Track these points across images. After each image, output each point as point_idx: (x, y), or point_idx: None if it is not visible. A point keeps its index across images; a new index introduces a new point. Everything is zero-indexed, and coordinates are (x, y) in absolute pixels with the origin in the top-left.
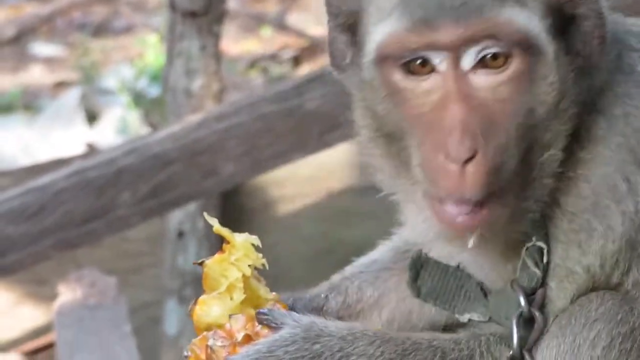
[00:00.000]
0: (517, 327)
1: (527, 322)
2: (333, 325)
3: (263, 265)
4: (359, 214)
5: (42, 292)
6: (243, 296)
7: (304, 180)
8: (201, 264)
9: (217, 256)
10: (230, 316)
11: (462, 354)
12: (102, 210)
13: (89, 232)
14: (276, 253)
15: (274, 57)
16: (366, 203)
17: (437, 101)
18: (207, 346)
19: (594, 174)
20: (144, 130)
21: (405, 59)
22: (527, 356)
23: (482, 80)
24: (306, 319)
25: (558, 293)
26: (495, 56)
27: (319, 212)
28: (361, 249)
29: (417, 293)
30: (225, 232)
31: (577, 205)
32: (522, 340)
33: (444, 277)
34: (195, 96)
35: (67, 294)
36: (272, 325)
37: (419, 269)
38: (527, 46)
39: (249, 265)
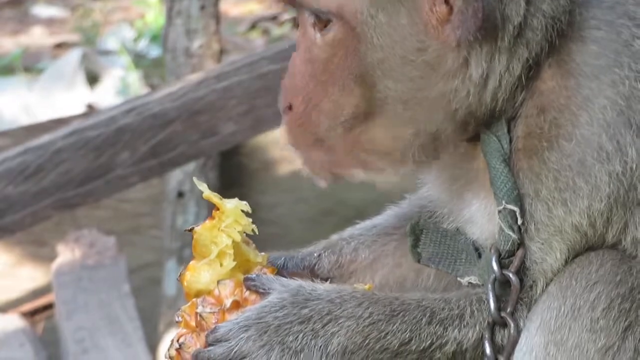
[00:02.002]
0: (492, 291)
1: (504, 285)
2: (321, 289)
3: (253, 230)
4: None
5: (42, 253)
6: (233, 263)
7: None
8: (191, 230)
9: (206, 222)
10: (218, 282)
11: (452, 312)
12: (101, 170)
13: (87, 192)
14: (276, 213)
15: (274, 19)
16: None
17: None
18: (196, 313)
19: (579, 133)
20: (144, 91)
21: None
22: (508, 319)
23: (315, 38)
24: (294, 283)
25: (544, 253)
26: (317, 19)
27: None
28: (361, 210)
29: (418, 258)
30: (214, 198)
31: (561, 163)
32: (503, 303)
33: (444, 241)
34: (194, 56)
35: (66, 254)
36: (259, 290)
37: (419, 234)
38: (339, 17)
39: (239, 232)
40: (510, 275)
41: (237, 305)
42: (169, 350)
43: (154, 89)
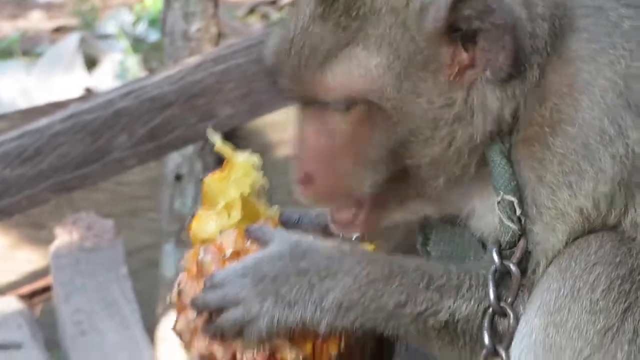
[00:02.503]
0: (493, 281)
1: (505, 275)
2: (322, 244)
3: (263, 185)
4: None
5: (40, 235)
6: (240, 216)
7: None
8: (201, 180)
9: (217, 174)
10: (221, 231)
11: (450, 282)
12: (99, 153)
13: (85, 175)
14: (274, 196)
15: (273, 3)
16: None
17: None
18: (197, 260)
19: (581, 117)
20: (142, 75)
21: None
22: (508, 309)
23: (334, 119)
24: (294, 236)
25: (546, 234)
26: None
27: None
28: None
29: (427, 257)
30: (226, 150)
31: (566, 147)
32: (504, 295)
33: (453, 239)
34: (193, 40)
35: (64, 237)
36: (260, 241)
37: (429, 233)
38: (360, 100)
39: (249, 186)
40: (511, 266)
41: (237, 255)
42: (171, 295)
43: (152, 73)
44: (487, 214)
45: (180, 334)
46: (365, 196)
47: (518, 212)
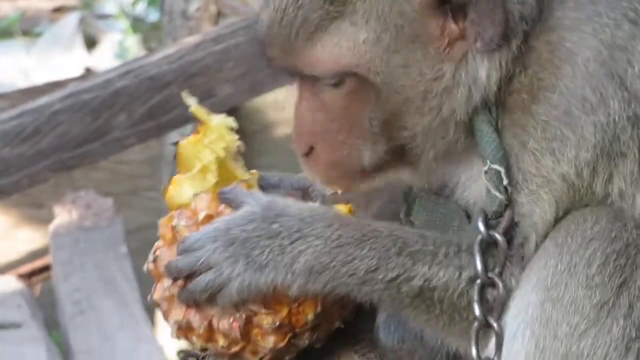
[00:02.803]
0: (479, 252)
1: (492, 246)
2: (294, 206)
3: (239, 147)
4: None
5: (39, 215)
6: (215, 179)
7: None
8: (176, 144)
9: (191, 137)
10: (194, 195)
11: (425, 248)
12: (98, 132)
13: (84, 154)
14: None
15: None
16: None
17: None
18: (172, 226)
19: (563, 84)
20: (142, 55)
21: None
22: (496, 279)
23: (323, 91)
24: (266, 198)
25: (533, 204)
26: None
27: None
28: None
29: (411, 226)
30: (201, 113)
31: (549, 114)
32: (491, 265)
33: (437, 209)
34: (192, 19)
35: (63, 215)
36: (232, 204)
37: (412, 202)
38: (349, 74)
39: (223, 148)
40: (497, 235)
41: (210, 218)
42: (147, 264)
43: (151, 52)
44: (473, 183)
45: (158, 303)
46: (367, 169)
47: (505, 181)
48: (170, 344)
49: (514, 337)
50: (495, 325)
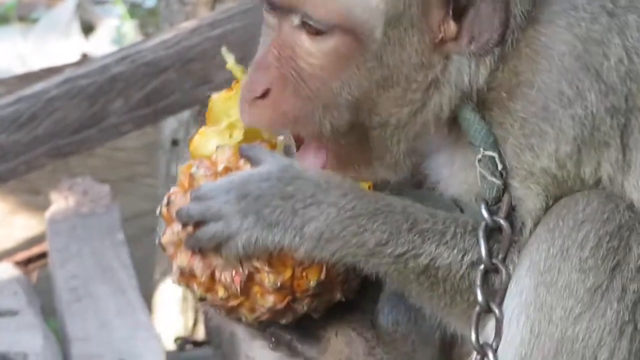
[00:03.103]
0: (484, 238)
1: (495, 232)
2: (312, 171)
3: None
4: None
5: (36, 201)
6: (241, 137)
7: None
8: (209, 97)
9: (223, 93)
10: (217, 147)
11: (435, 227)
12: (95, 119)
13: (81, 140)
14: None
15: None
16: None
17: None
18: (190, 174)
19: (540, 80)
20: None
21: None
22: (499, 265)
23: (302, 40)
24: (286, 160)
25: (525, 192)
26: (312, 26)
27: None
28: None
29: None
30: (237, 70)
31: (527, 111)
32: (495, 251)
33: (425, 201)
34: (188, 4)
35: (60, 202)
36: (252, 161)
37: (399, 194)
38: (345, 30)
39: None
40: (502, 221)
41: (228, 170)
42: (160, 209)
43: (148, 37)
44: (462, 175)
45: (165, 247)
46: (321, 137)
47: (500, 166)
48: (167, 331)
49: (509, 322)
50: (497, 311)
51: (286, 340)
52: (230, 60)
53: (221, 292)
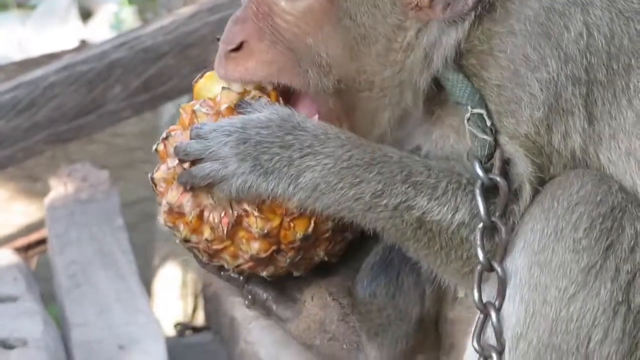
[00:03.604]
0: (481, 196)
1: (492, 189)
2: (310, 123)
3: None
4: None
5: (35, 188)
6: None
7: None
8: (196, 81)
9: (207, 73)
10: (222, 88)
11: (428, 180)
12: (94, 105)
13: (80, 127)
14: None
15: None
16: None
17: None
18: (192, 110)
19: (508, 43)
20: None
21: None
22: (498, 223)
23: (280, 3)
24: (287, 110)
25: (514, 148)
26: None
27: None
28: None
29: None
30: None
31: (500, 77)
32: (492, 209)
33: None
34: None
35: (59, 188)
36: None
37: None
38: None
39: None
40: (497, 178)
41: (231, 111)
42: (157, 145)
43: (146, 23)
44: (446, 139)
45: (156, 183)
46: (310, 91)
47: (489, 123)
48: (167, 316)
49: (504, 301)
50: (499, 269)
51: (262, 299)
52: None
53: (207, 233)
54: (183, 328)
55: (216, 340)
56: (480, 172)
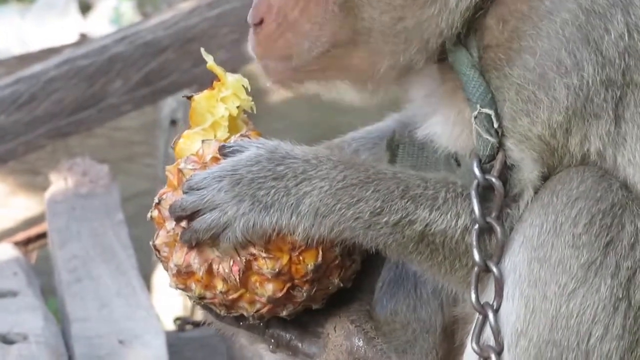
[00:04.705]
0: (476, 197)
1: (489, 191)
2: (299, 149)
3: (251, 108)
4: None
5: (35, 182)
6: (227, 134)
7: None
8: (190, 98)
9: (206, 92)
10: (202, 141)
11: (426, 192)
12: (94, 99)
13: (80, 121)
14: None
15: None
16: None
17: None
18: (178, 169)
19: (539, 46)
20: (137, 20)
21: None
22: (494, 223)
23: None
24: (272, 142)
25: (520, 155)
26: None
27: (313, 99)
28: None
29: None
30: (218, 69)
31: (523, 77)
32: (489, 210)
33: (422, 153)
34: None
35: (59, 182)
36: (236, 153)
37: (395, 149)
38: None
39: (237, 107)
40: (493, 179)
41: (216, 160)
42: (151, 212)
43: (147, 18)
44: (458, 131)
45: (159, 249)
46: (311, 56)
47: (495, 124)
48: (167, 311)
49: (504, 298)
50: (495, 269)
51: (286, 340)
52: (210, 60)
53: (220, 286)
54: (183, 323)
55: (217, 335)
56: (477, 171)
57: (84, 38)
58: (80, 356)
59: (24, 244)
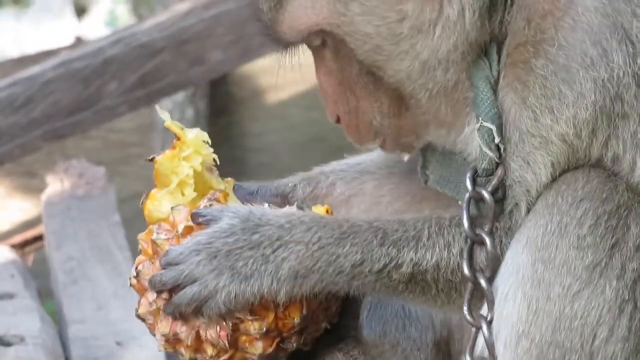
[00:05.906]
0: (466, 209)
1: (481, 205)
2: (271, 214)
3: (215, 160)
4: None
5: (32, 184)
6: (194, 193)
7: (293, 67)
8: (152, 160)
9: (167, 152)
10: (172, 208)
11: (407, 234)
12: (90, 101)
13: (76, 123)
14: (265, 141)
15: None
16: None
17: None
18: (151, 240)
19: (565, 37)
20: (132, 23)
21: None
22: (484, 236)
23: (324, 56)
24: (244, 209)
25: (525, 170)
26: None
27: (309, 99)
28: None
29: (425, 180)
30: (175, 127)
31: (548, 69)
32: (480, 224)
33: (451, 164)
34: None
35: (55, 184)
36: (209, 222)
37: (429, 155)
38: (321, 34)
39: (200, 163)
40: (484, 192)
41: (190, 230)
42: (130, 279)
43: (142, 20)
44: (473, 140)
45: (144, 318)
46: (385, 125)
47: (497, 139)
48: None
49: (505, 298)
50: (483, 283)
51: None
52: (166, 117)
53: (210, 350)
54: None
55: None
56: (469, 184)
57: (79, 41)
58: (78, 358)
59: (21, 246)
